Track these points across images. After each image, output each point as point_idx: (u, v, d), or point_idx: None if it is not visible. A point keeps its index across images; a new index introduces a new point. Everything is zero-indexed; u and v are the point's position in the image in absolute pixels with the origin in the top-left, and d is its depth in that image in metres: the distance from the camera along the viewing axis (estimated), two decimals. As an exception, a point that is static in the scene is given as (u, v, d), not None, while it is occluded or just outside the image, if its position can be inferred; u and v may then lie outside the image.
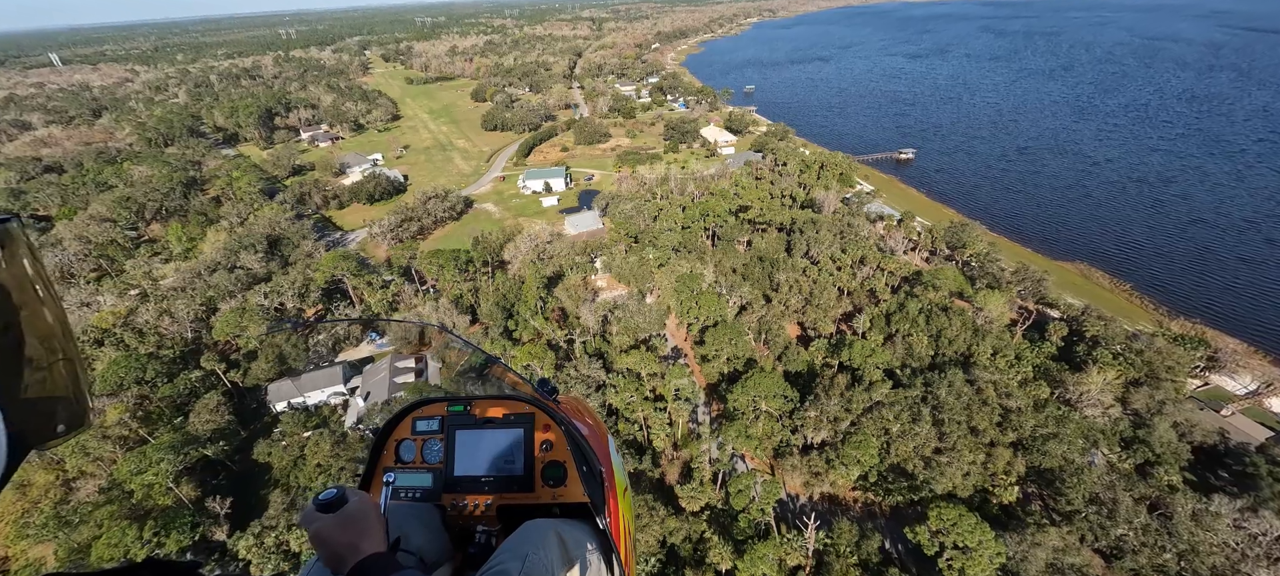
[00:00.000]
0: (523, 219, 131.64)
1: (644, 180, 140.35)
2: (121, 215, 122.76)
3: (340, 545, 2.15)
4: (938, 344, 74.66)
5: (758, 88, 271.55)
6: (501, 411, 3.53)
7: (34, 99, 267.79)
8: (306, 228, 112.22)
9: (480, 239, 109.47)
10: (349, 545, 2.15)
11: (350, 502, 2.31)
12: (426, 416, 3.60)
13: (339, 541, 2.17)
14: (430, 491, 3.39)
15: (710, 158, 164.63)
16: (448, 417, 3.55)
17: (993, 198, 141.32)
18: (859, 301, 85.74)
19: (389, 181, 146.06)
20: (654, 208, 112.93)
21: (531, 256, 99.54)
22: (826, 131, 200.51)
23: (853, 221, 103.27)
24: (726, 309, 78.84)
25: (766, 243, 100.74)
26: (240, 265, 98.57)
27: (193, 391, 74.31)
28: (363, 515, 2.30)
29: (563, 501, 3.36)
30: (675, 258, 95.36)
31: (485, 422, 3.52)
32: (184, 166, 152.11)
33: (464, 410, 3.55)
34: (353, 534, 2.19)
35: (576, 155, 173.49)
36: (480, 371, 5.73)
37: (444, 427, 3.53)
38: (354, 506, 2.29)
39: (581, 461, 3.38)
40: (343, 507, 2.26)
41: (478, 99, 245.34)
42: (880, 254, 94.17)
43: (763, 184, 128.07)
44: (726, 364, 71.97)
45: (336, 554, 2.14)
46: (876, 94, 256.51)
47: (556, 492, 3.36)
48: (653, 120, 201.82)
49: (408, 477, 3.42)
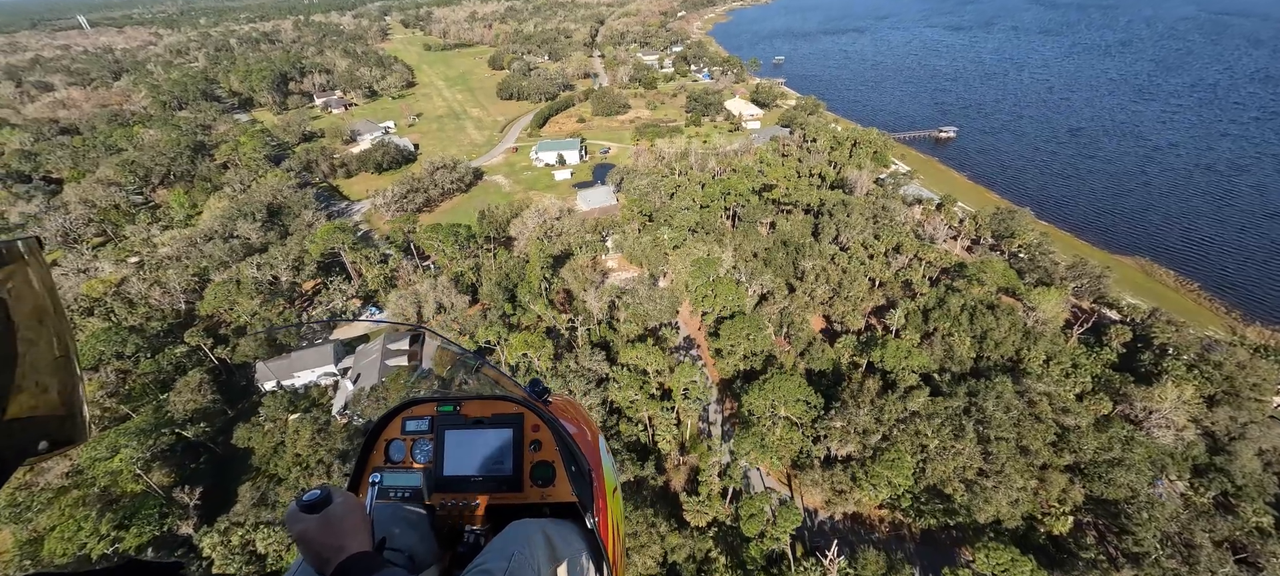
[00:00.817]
0: (533, 193, 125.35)
1: (662, 154, 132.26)
2: (127, 179, 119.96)
3: (324, 546, 2.12)
4: (981, 346, 66.65)
5: (787, 59, 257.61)
6: (491, 411, 3.48)
7: (59, 61, 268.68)
8: (308, 197, 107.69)
9: (486, 213, 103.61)
10: (333, 546, 2.11)
11: (334, 503, 2.26)
12: (416, 416, 3.53)
13: (323, 542, 2.13)
14: (419, 491, 3.30)
15: (734, 132, 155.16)
16: (437, 418, 3.50)
17: (1042, 182, 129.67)
18: (893, 294, 77.63)
19: (398, 150, 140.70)
20: (671, 184, 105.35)
21: (538, 234, 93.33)
22: (860, 107, 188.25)
23: (888, 205, 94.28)
24: (745, 298, 71.72)
25: (792, 225, 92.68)
26: (237, 234, 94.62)
27: (179, 367, 70.76)
28: (347, 516, 2.25)
29: (551, 501, 3.31)
30: (691, 239, 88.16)
31: (475, 423, 3.47)
32: (193, 131, 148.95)
33: (453, 410, 3.50)
34: (337, 535, 2.15)
35: (593, 127, 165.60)
36: (471, 371, 4.41)
37: (433, 428, 3.47)
38: (338, 507, 2.24)
39: (570, 461, 3.34)
40: (326, 508, 2.21)
41: (495, 66, 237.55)
42: (918, 241, 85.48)
43: (789, 161, 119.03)
44: (743, 361, 65.25)
45: (320, 554, 2.12)
46: (914, 68, 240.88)
47: (545, 492, 3.30)
48: (674, 91, 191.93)
49: (397, 477, 3.31)
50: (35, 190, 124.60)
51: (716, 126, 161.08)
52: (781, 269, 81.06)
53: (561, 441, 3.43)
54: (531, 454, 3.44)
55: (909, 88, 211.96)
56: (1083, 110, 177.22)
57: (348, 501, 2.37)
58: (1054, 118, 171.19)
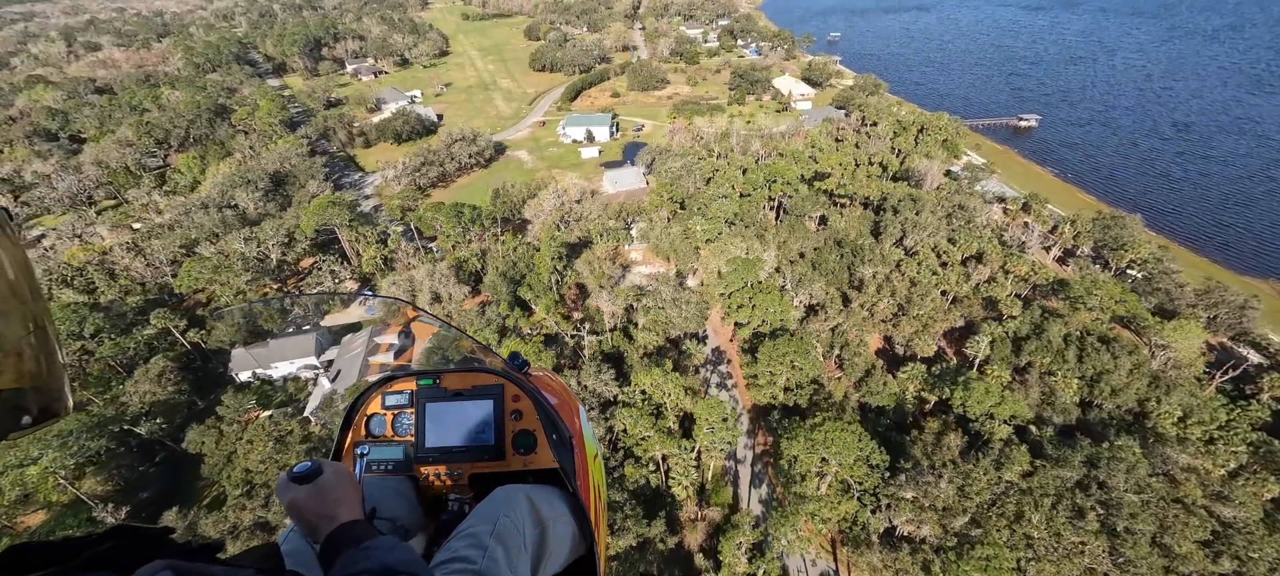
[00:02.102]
0: (557, 171, 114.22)
1: (700, 134, 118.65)
2: (142, 141, 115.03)
3: (316, 515, 2.14)
4: (1092, 391, 52.13)
5: (843, 36, 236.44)
6: (471, 384, 3.48)
7: (112, 22, 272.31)
8: (316, 166, 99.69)
9: (501, 191, 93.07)
10: (325, 515, 2.14)
11: (325, 473, 2.27)
12: (396, 391, 3.50)
13: (315, 511, 2.15)
14: (402, 463, 3.33)
15: (782, 112, 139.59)
16: (417, 391, 3.47)
17: (1144, 184, 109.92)
18: (973, 314, 63.16)
19: (419, 120, 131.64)
20: (708, 167, 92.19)
21: (554, 218, 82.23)
22: (924, 90, 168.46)
23: (966, 203, 78.81)
24: (789, 309, 58.79)
25: (847, 222, 78.54)
26: (233, 204, 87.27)
27: (152, 350, 63.52)
28: (338, 485, 2.26)
29: (534, 468, 3.35)
30: (728, 233, 75.39)
31: (455, 395, 3.46)
32: (217, 94, 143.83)
33: (433, 383, 3.49)
34: (328, 504, 2.17)
35: (627, 102, 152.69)
36: (450, 346, 4.50)
37: (414, 401, 3.46)
38: (329, 477, 2.26)
39: (551, 429, 3.38)
40: (318, 478, 2.23)
41: (531, 37, 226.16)
42: (1003, 249, 70.30)
43: (845, 147, 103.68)
44: (784, 392, 52.73)
45: (311, 524, 2.14)
46: (987, 49, 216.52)
47: (527, 460, 3.35)
48: (718, 67, 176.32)
49: (379, 451, 3.34)
50: (58, 148, 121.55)
51: (762, 106, 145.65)
52: (835, 274, 67.50)
53: (542, 410, 3.40)
54: (513, 423, 3.41)
55: (980, 71, 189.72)
56: (1189, 102, 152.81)
57: (339, 472, 2.32)
58: (1154, 109, 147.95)
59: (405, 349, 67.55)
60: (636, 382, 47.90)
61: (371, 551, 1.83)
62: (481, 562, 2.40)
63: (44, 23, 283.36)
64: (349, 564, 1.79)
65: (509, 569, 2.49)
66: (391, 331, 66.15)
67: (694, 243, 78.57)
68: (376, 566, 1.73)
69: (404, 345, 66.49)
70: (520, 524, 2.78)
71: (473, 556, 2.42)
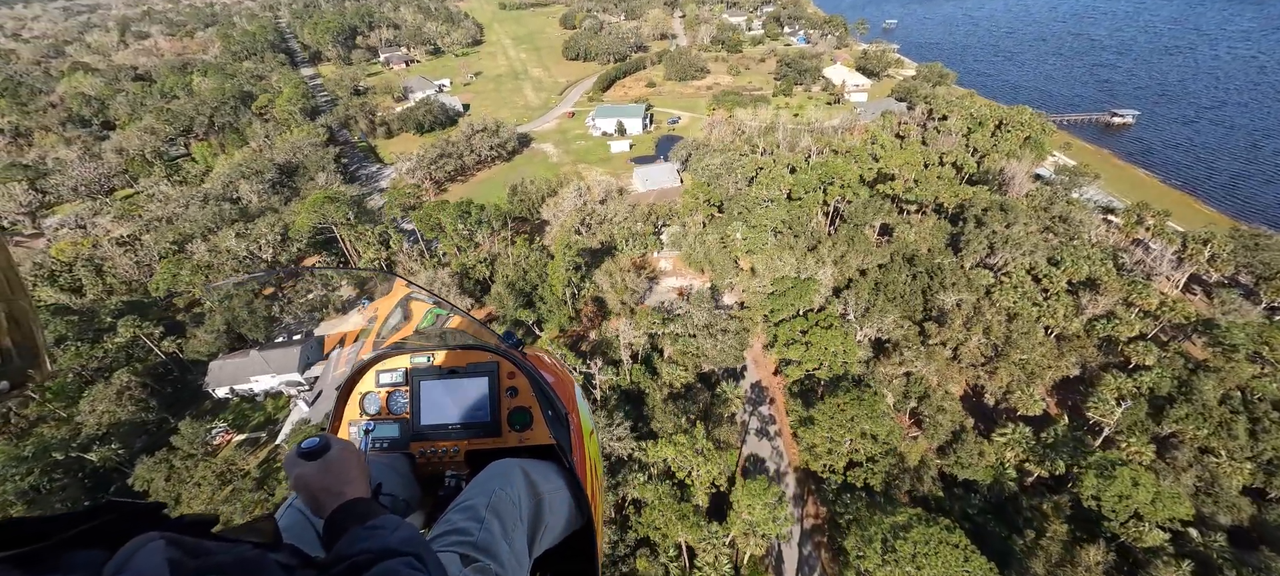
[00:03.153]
0: (583, 166, 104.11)
1: (742, 127, 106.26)
2: (164, 128, 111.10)
3: (322, 490, 2.12)
4: (1270, 479, 38.36)
5: (900, 23, 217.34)
6: (466, 361, 3.43)
7: (165, 13, 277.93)
8: (327, 156, 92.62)
9: (519, 188, 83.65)
10: (332, 491, 2.12)
11: (333, 449, 2.24)
12: (390, 368, 3.44)
13: (322, 487, 2.13)
14: (398, 441, 3.31)
15: (833, 104, 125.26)
16: (412, 369, 3.42)
17: (1277, 194, 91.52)
18: (1088, 358, 49.50)
19: (444, 109, 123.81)
20: (751, 165, 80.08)
21: (573, 221, 72.03)
22: (994, 82, 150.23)
23: (1069, 213, 64.37)
24: (854, 350, 46.56)
25: (918, 233, 65.32)
26: (235, 196, 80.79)
27: (129, 359, 56.85)
28: (346, 462, 2.23)
29: (530, 444, 3.31)
30: (774, 243, 63.51)
31: (450, 372, 3.41)
32: (242, 81, 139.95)
33: (427, 361, 3.44)
34: (334, 480, 2.15)
35: (664, 92, 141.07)
36: (444, 322, 4.32)
37: (408, 379, 3.40)
38: (337, 453, 2.22)
39: (547, 406, 3.35)
40: (326, 454, 2.20)
41: (567, 26, 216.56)
42: (1120, 276, 56.03)
43: (910, 144, 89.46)
44: (848, 465, 40.87)
45: (318, 499, 2.12)
46: (1063, 37, 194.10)
47: (523, 436, 3.32)
48: (763, 55, 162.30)
49: (376, 428, 3.31)
50: (89, 134, 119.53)
51: (811, 97, 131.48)
52: (905, 300, 54.78)
53: (538, 387, 3.35)
54: (509, 400, 3.36)
55: (1057, 61, 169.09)
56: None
57: (347, 448, 2.28)
58: (1276, 106, 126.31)
59: (399, 327, 59.70)
60: (656, 453, 36.96)
61: (376, 531, 1.80)
62: (478, 534, 2.38)
63: (105, 14, 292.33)
64: (352, 541, 1.76)
65: (505, 540, 2.45)
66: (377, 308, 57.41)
67: (733, 253, 67.04)
68: (378, 547, 1.69)
69: (398, 323, 58.48)
70: (516, 496, 2.70)
71: (469, 528, 2.39)
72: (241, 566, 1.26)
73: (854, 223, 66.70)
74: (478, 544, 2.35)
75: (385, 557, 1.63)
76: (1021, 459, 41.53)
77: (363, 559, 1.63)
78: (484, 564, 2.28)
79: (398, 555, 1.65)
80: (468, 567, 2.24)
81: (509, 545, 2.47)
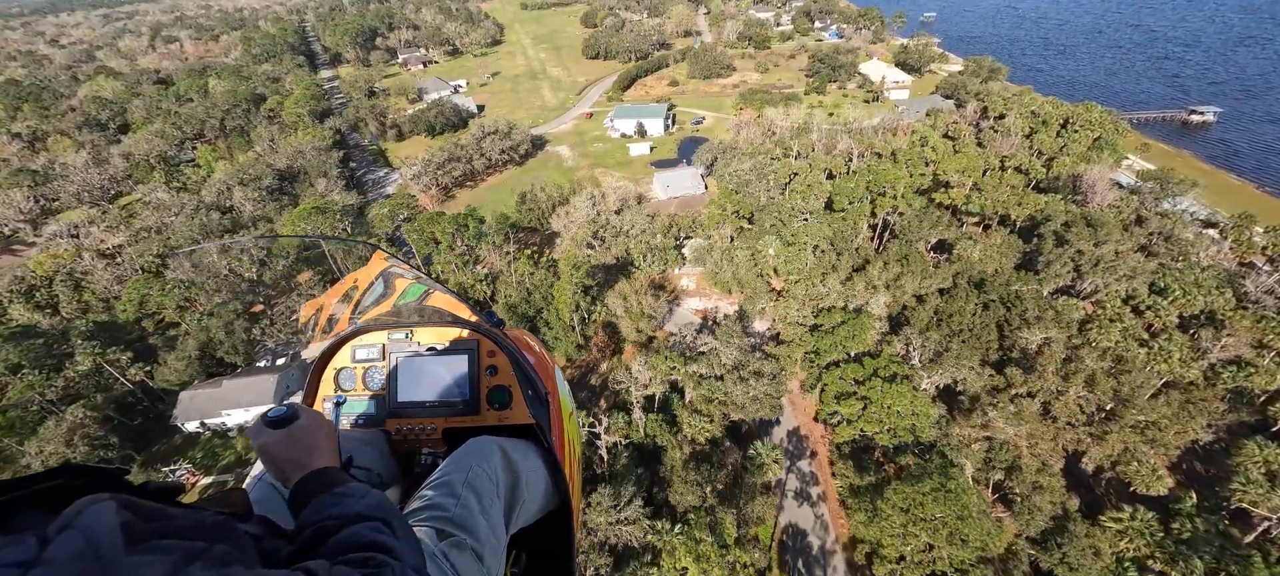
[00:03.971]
0: (600, 170, 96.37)
1: (773, 127, 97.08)
2: (171, 133, 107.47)
3: (288, 460, 2.04)
4: None
5: (938, 17, 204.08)
6: (446, 339, 3.32)
7: (197, 17, 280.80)
8: (330, 161, 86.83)
9: (529, 196, 76.29)
10: (298, 461, 2.03)
11: (301, 419, 2.13)
12: (366, 344, 3.32)
13: (286, 456, 2.05)
14: (374, 417, 3.21)
15: (871, 102, 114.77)
16: (389, 345, 3.30)
17: (1402, 200, 78.17)
18: (1214, 416, 39.27)
19: (457, 111, 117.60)
20: (784, 170, 70.98)
21: (585, 234, 64.15)
22: (1048, 78, 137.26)
23: (1169, 229, 53.70)
24: (927, 410, 37.17)
25: (984, 251, 55.40)
26: (228, 205, 75.38)
27: (96, 387, 51.24)
28: (313, 432, 2.12)
29: (509, 423, 3.23)
30: (815, 263, 54.44)
31: (429, 349, 3.31)
32: (261, 83, 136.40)
33: (406, 337, 3.33)
34: (301, 450, 2.05)
35: (687, 91, 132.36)
36: (424, 298, 3.85)
37: (386, 355, 3.29)
38: (304, 422, 2.12)
39: (526, 385, 3.25)
40: (293, 424, 2.10)
41: (588, 24, 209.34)
42: (1246, 309, 45.42)
43: (964, 146, 79.01)
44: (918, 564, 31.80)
45: (283, 469, 2.04)
46: (1121, 30, 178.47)
47: (502, 415, 3.24)
48: (792, 52, 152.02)
49: (350, 404, 3.23)
50: (103, 138, 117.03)
51: (847, 95, 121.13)
52: (976, 337, 45.24)
53: (518, 366, 3.26)
54: (488, 379, 3.26)
55: (1116, 55, 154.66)
56: None
57: (315, 418, 2.18)
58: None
59: (378, 301, 53.12)
60: (673, 565, 28.28)
61: (343, 498, 1.74)
62: (455, 509, 2.34)
63: (142, 21, 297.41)
64: (319, 509, 1.70)
65: (482, 515, 2.41)
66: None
67: (765, 271, 58.24)
68: (348, 513, 1.64)
69: (377, 298, 51.83)
70: (493, 473, 2.67)
71: (446, 504, 2.35)
72: (202, 530, 1.18)
73: (907, 239, 57.13)
74: (454, 519, 2.29)
75: (353, 523, 1.59)
76: (1144, 554, 31.96)
77: (330, 525, 1.59)
78: (460, 538, 2.23)
79: (366, 520, 1.61)
80: (444, 542, 2.18)
81: (485, 520, 2.40)
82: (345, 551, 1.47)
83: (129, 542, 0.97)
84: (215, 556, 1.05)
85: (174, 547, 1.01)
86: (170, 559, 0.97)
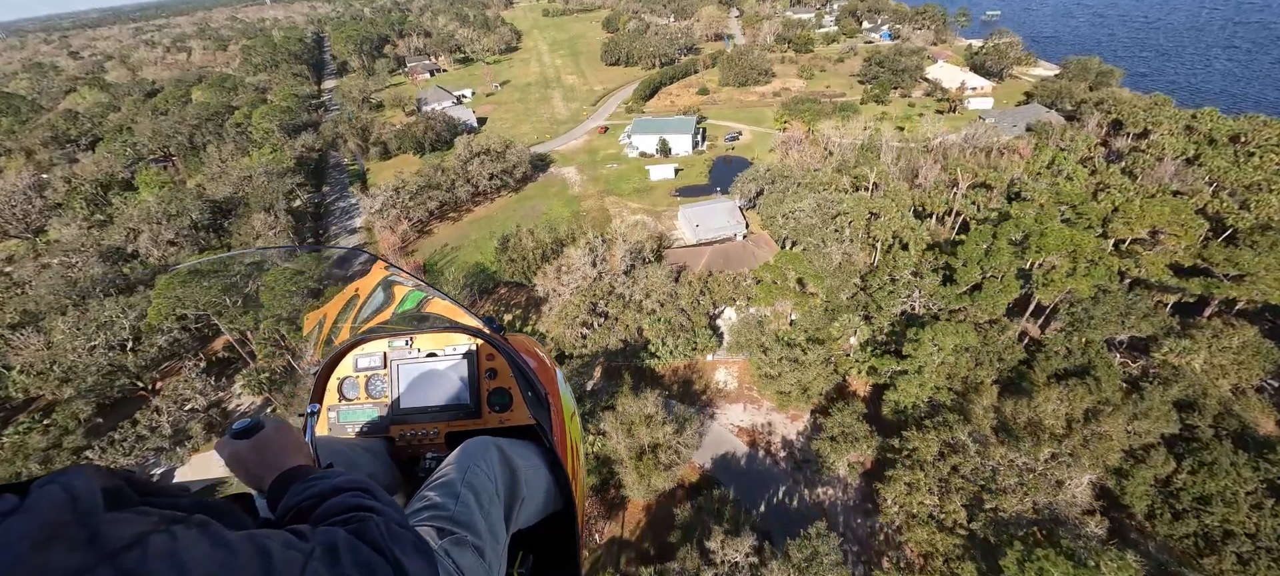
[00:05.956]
0: (612, 199, 76.31)
1: (830, 145, 75.72)
2: (120, 153, 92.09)
3: (258, 465, 2.02)
4: None
5: (1003, 15, 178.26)
6: (445, 344, 3.32)
7: (223, 28, 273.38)
8: (278, 190, 68.84)
9: (511, 241, 56.60)
10: (268, 464, 2.01)
11: (267, 427, 2.13)
12: (368, 353, 3.33)
13: (256, 462, 2.03)
14: (377, 424, 3.21)
15: (949, 113, 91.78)
16: (390, 353, 3.31)
17: None
18: None
19: (450, 124, 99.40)
20: (860, 209, 49.43)
21: (579, 308, 43.88)
22: (1155, 84, 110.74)
23: None
24: None
25: (1214, 360, 32.88)
26: (135, 251, 57.92)
27: None
28: (281, 438, 2.10)
29: (510, 424, 3.22)
30: (933, 362, 32.93)
31: (429, 355, 3.31)
32: (251, 94, 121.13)
33: (406, 344, 3.33)
34: (271, 455, 2.03)
35: (719, 101, 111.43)
36: (424, 305, 3.79)
37: (387, 363, 3.29)
38: (270, 431, 2.10)
39: (526, 387, 3.25)
40: (258, 433, 2.10)
41: (610, 29, 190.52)
42: None
43: (1111, 176, 55.87)
44: None
45: (254, 474, 2.03)
46: (1226, 27, 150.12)
47: (503, 417, 3.23)
48: (841, 54, 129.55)
49: (353, 413, 3.24)
50: (63, 157, 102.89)
51: (914, 104, 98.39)
52: (1250, 537, 23.32)
53: (517, 368, 3.24)
54: (488, 382, 3.25)
55: (1231, 56, 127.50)
56: None
57: (281, 426, 2.17)
58: None
59: (379, 310, 36.60)
60: None
61: (320, 479, 1.74)
62: (454, 508, 2.33)
63: (169, 33, 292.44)
64: (297, 493, 1.69)
65: (481, 514, 2.39)
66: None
67: (846, 369, 36.98)
68: (326, 489, 1.63)
69: (378, 307, 34.22)
70: (491, 471, 2.64)
71: (445, 503, 2.34)
72: (191, 505, 1.15)
73: (1083, 338, 34.82)
74: (454, 517, 2.28)
75: (332, 495, 1.59)
76: None
77: (309, 502, 1.58)
78: (460, 535, 2.22)
79: (345, 491, 1.61)
80: (444, 539, 2.17)
81: (485, 518, 2.39)
82: (330, 518, 1.48)
83: (111, 504, 0.97)
84: (196, 522, 1.04)
85: (155, 512, 1.01)
86: (150, 519, 0.96)
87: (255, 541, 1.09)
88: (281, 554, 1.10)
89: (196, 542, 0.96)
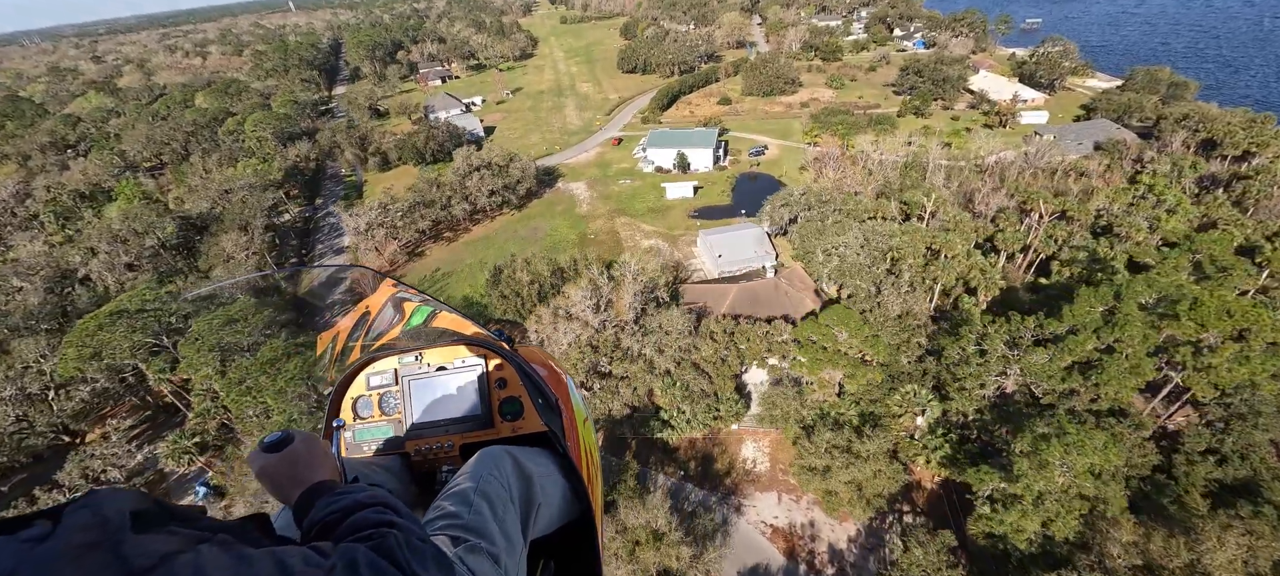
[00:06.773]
0: (624, 219, 68.28)
1: (870, 162, 66.91)
2: (107, 161, 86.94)
3: (286, 479, 2.05)
4: None
5: (1045, 23, 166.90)
6: (454, 356, 3.35)
7: (245, 34, 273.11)
8: (257, 204, 62.19)
9: (505, 274, 48.73)
10: (296, 478, 2.04)
11: (297, 441, 2.15)
12: (378, 371, 3.34)
13: (286, 475, 2.06)
14: (392, 441, 3.23)
15: (999, 128, 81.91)
16: (401, 369, 3.32)
17: None
18: None
19: (452, 132, 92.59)
20: (914, 242, 40.66)
21: (578, 359, 35.86)
22: (1226, 97, 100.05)
23: None
24: None
25: None
26: (87, 276, 51.37)
27: None
28: (311, 452, 2.12)
29: (523, 432, 3.23)
30: (1059, 486, 24.10)
31: (439, 370, 3.34)
32: (257, 99, 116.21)
33: (416, 359, 3.35)
34: (301, 468, 2.06)
35: (742, 111, 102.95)
36: (432, 319, 3.65)
37: (398, 379, 3.31)
38: (300, 445, 2.13)
39: (536, 394, 3.26)
40: (288, 447, 2.12)
41: (627, 36, 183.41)
42: None
43: (1220, 210, 46.11)
44: None
45: (283, 488, 2.06)
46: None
47: (516, 426, 3.24)
48: (872, 62, 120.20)
49: (368, 431, 3.24)
50: (54, 164, 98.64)
51: (958, 117, 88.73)
52: None
53: (526, 377, 3.27)
54: (499, 391, 3.27)
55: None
56: None
57: (311, 440, 2.18)
58: None
59: (390, 327, 31.75)
60: None
61: (342, 496, 1.77)
62: (468, 517, 2.34)
63: (195, 37, 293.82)
64: (322, 508, 1.74)
65: (495, 522, 2.39)
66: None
67: (910, 455, 28.22)
68: (350, 504, 1.67)
69: (388, 324, 28.10)
70: (504, 479, 2.65)
71: (459, 512, 2.36)
72: (216, 526, 1.22)
73: (1240, 436, 25.59)
74: (468, 526, 2.29)
75: (355, 511, 1.63)
76: None
77: (334, 517, 1.62)
78: (475, 543, 2.23)
79: (367, 507, 1.65)
80: (459, 547, 2.18)
81: (500, 525, 2.39)
82: (351, 534, 1.51)
83: (140, 526, 1.02)
84: (220, 541, 1.09)
85: (181, 532, 1.06)
86: (176, 539, 1.01)
87: (277, 558, 1.13)
88: (302, 570, 1.14)
89: (220, 560, 1.02)
